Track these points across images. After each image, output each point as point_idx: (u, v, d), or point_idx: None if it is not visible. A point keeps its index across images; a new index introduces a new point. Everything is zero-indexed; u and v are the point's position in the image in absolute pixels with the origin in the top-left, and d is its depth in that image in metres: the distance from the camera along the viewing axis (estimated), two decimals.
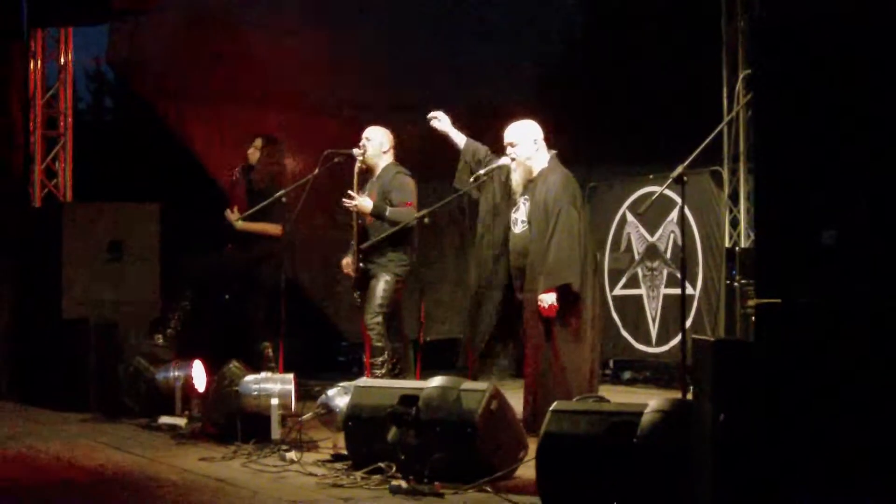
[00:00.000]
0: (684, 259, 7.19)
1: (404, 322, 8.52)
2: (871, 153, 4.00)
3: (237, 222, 9.31)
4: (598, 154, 11.65)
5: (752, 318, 8.67)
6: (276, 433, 6.92)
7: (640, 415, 5.02)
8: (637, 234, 11.00)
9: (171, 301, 9.35)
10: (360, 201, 8.10)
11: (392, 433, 5.95)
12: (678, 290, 9.62)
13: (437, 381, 6.09)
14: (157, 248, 9.72)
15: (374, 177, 8.35)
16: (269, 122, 11.14)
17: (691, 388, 4.97)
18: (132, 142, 15.56)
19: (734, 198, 10.41)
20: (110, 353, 8.79)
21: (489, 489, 5.59)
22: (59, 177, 10.58)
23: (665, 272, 10.70)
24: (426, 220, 8.02)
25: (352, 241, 8.25)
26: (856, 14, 4.12)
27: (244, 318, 9.49)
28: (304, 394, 7.77)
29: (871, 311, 3.97)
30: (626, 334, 11.03)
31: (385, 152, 8.34)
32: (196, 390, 8.02)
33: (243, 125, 11.01)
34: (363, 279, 8.18)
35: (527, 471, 5.75)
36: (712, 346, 4.26)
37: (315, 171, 8.27)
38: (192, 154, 12.02)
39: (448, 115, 7.97)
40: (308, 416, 6.87)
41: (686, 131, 7.75)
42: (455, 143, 7.94)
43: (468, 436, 5.77)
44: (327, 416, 6.74)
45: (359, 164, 8.14)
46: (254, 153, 9.55)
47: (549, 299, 7.26)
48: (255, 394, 7.11)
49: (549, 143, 7.70)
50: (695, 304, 10.26)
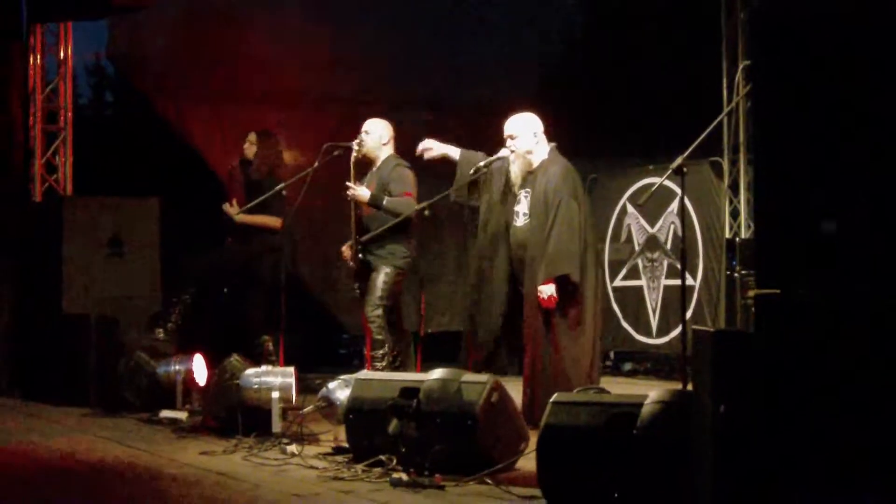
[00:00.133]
0: (684, 250, 7.21)
1: (405, 314, 8.52)
2: (871, 144, 3.99)
3: (236, 216, 9.31)
4: (598, 148, 11.66)
5: (753, 308, 8.67)
6: (276, 426, 6.92)
7: (640, 406, 5.01)
8: (637, 226, 11.00)
9: (172, 295, 9.35)
10: (357, 190, 8.10)
11: (393, 426, 5.95)
12: (678, 281, 9.59)
13: (437, 374, 6.09)
14: (157, 243, 9.71)
15: (373, 169, 8.35)
16: (269, 119, 11.13)
17: (691, 379, 4.97)
18: (132, 136, 15.57)
19: (734, 188, 10.42)
20: (111, 348, 8.78)
21: (490, 481, 5.58)
22: (60, 171, 10.55)
23: (665, 263, 10.71)
24: (426, 213, 8.02)
25: (352, 234, 8.24)
26: (854, 6, 4.11)
27: (244, 312, 9.49)
28: (305, 387, 7.76)
29: (871, 302, 3.97)
30: (626, 325, 11.04)
31: (385, 144, 8.34)
32: (197, 384, 8.03)
33: (243, 121, 10.99)
34: (363, 271, 8.18)
35: (527, 463, 5.76)
36: (712, 336, 4.25)
37: (315, 164, 8.27)
38: (192, 149, 12.04)
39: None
40: (309, 409, 6.87)
41: (686, 122, 7.76)
42: (452, 158, 7.93)
43: (469, 428, 5.77)
44: (328, 408, 6.74)
45: (354, 154, 8.13)
46: (249, 147, 9.54)
47: (548, 290, 7.25)
48: (256, 387, 7.11)
49: (550, 137, 7.69)
50: (695, 294, 10.27)
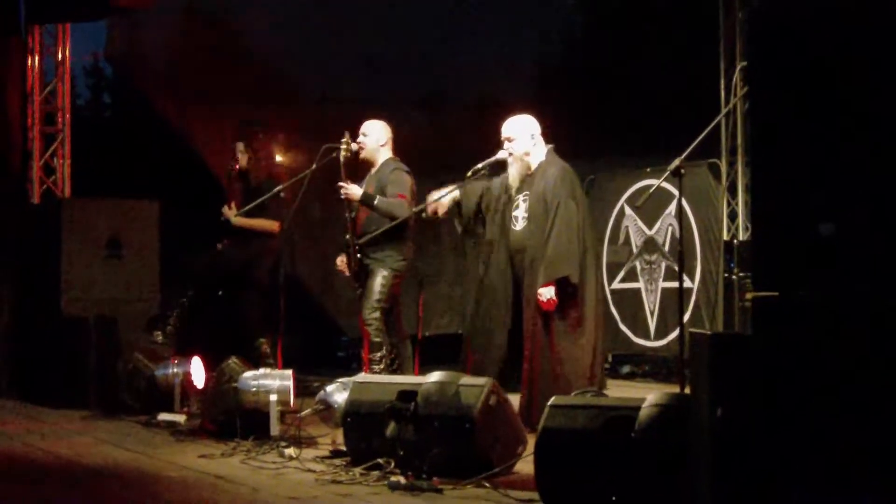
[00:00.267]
0: (682, 252, 7.20)
1: (403, 317, 8.52)
2: (869, 145, 3.99)
3: (234, 218, 9.30)
4: (597, 148, 11.66)
5: (751, 311, 8.67)
6: (274, 429, 6.92)
7: (638, 409, 5.01)
8: (635, 228, 10.99)
9: (171, 297, 9.35)
10: (349, 188, 8.10)
11: (391, 429, 5.95)
12: (676, 284, 9.59)
13: (435, 377, 6.08)
14: (156, 245, 9.71)
15: (372, 171, 8.36)
16: (267, 118, 11.13)
17: (689, 382, 4.97)
18: (131, 138, 15.58)
19: (732, 190, 10.41)
20: (110, 350, 8.79)
21: (487, 484, 5.58)
22: (58, 173, 10.55)
23: (663, 265, 10.70)
24: (424, 215, 8.02)
25: (346, 236, 8.24)
26: (852, 7, 4.11)
27: (241, 314, 9.48)
28: (303, 390, 7.76)
29: (869, 304, 3.97)
30: (624, 328, 11.03)
31: (382, 146, 8.34)
32: (195, 387, 8.03)
33: (245, 118, 10.99)
34: (362, 274, 8.18)
35: (525, 466, 5.75)
36: (710, 339, 4.25)
37: (313, 166, 8.27)
38: (191, 150, 12.04)
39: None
40: (307, 412, 6.87)
41: (684, 124, 7.76)
42: (458, 198, 7.88)
43: (467, 431, 5.77)
44: (326, 411, 6.75)
45: (343, 153, 8.09)
46: (242, 158, 9.50)
47: (547, 293, 7.24)
48: (254, 390, 7.11)
49: (548, 138, 7.69)
50: (693, 297, 10.26)
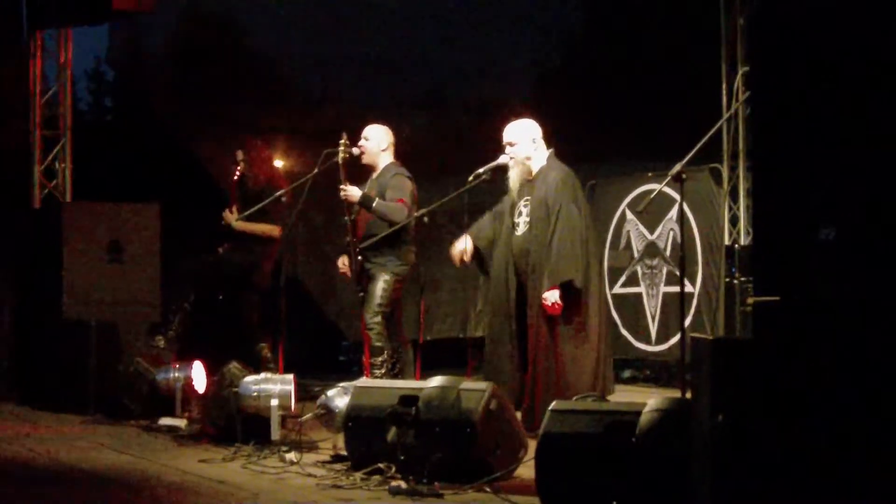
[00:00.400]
0: (683, 257, 7.20)
1: (404, 322, 8.51)
2: (870, 149, 3.99)
3: (235, 222, 9.29)
4: (598, 152, 11.64)
5: (752, 315, 8.67)
6: (275, 434, 6.92)
7: (638, 414, 5.02)
8: (636, 232, 10.99)
9: (172, 302, 9.34)
10: (348, 190, 8.10)
11: (392, 433, 5.95)
12: (677, 288, 9.61)
13: (436, 381, 6.08)
14: (157, 249, 9.70)
15: (374, 175, 8.36)
16: (268, 119, 11.14)
17: (690, 387, 4.96)
18: (132, 142, 15.56)
19: (734, 195, 10.40)
20: (110, 354, 8.78)
21: (488, 489, 5.59)
22: (59, 177, 10.52)
23: (664, 270, 10.69)
24: (425, 219, 8.02)
25: (347, 239, 8.24)
26: (852, 10, 4.11)
27: (241, 319, 9.47)
28: (304, 394, 7.76)
29: (870, 309, 3.96)
30: (625, 333, 11.02)
31: (384, 150, 8.34)
32: (196, 391, 8.03)
33: (243, 123, 11.01)
34: (363, 277, 8.18)
35: (526, 471, 5.75)
36: (711, 344, 4.25)
37: (314, 170, 8.27)
38: (192, 154, 12.04)
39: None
40: (308, 416, 6.87)
41: (685, 129, 7.74)
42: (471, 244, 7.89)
43: (467, 436, 5.77)
44: (327, 416, 6.73)
45: (342, 155, 8.10)
46: (242, 165, 9.47)
47: (552, 297, 7.22)
48: (255, 395, 7.10)
49: (549, 141, 7.69)
50: (694, 302, 10.25)
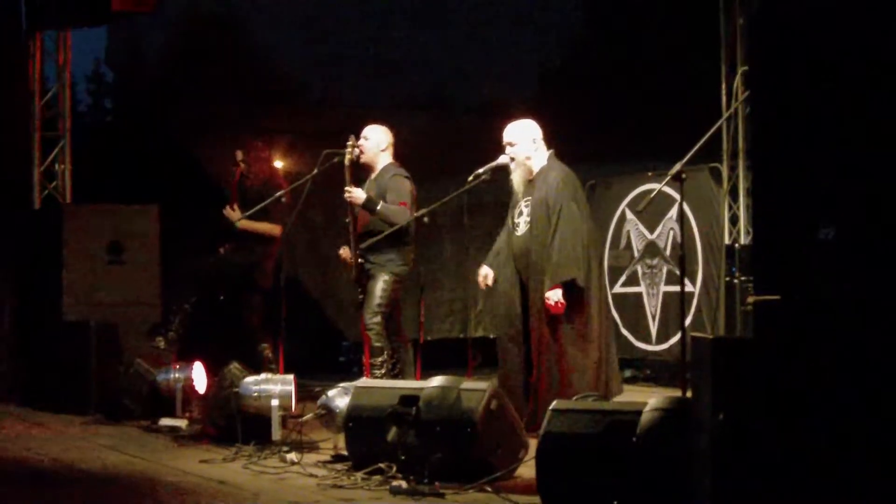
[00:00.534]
0: (683, 256, 7.20)
1: (404, 322, 8.51)
2: (869, 149, 3.99)
3: (238, 221, 9.27)
4: (598, 152, 11.64)
5: (752, 314, 8.66)
6: (276, 434, 6.92)
7: (639, 413, 5.02)
8: (636, 232, 10.99)
9: (172, 303, 9.33)
10: (353, 192, 8.11)
11: (392, 433, 5.95)
12: (678, 288, 9.61)
13: (437, 381, 6.09)
14: (157, 250, 9.70)
15: (372, 175, 8.36)
16: (268, 120, 11.14)
17: (691, 386, 4.97)
18: (132, 143, 15.55)
19: (733, 194, 10.39)
20: (111, 355, 8.79)
21: (489, 489, 5.59)
22: (59, 179, 10.51)
23: (664, 269, 10.69)
24: (425, 219, 8.02)
25: (349, 236, 8.23)
26: (852, 10, 4.11)
27: (242, 319, 9.47)
28: (305, 395, 7.76)
29: (870, 308, 3.97)
30: (625, 332, 11.02)
31: (383, 150, 8.34)
32: (196, 392, 8.03)
33: (243, 124, 11.01)
34: (363, 278, 8.18)
35: (527, 470, 5.75)
36: (711, 343, 4.26)
37: (314, 171, 8.27)
38: (192, 155, 12.03)
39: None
40: (308, 416, 6.87)
41: (685, 128, 7.74)
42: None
43: (468, 435, 5.78)
44: (327, 416, 6.73)
45: (348, 157, 8.12)
46: (242, 165, 9.46)
47: (555, 296, 7.22)
48: (256, 395, 7.10)
49: (549, 141, 7.70)
50: (694, 301, 10.25)
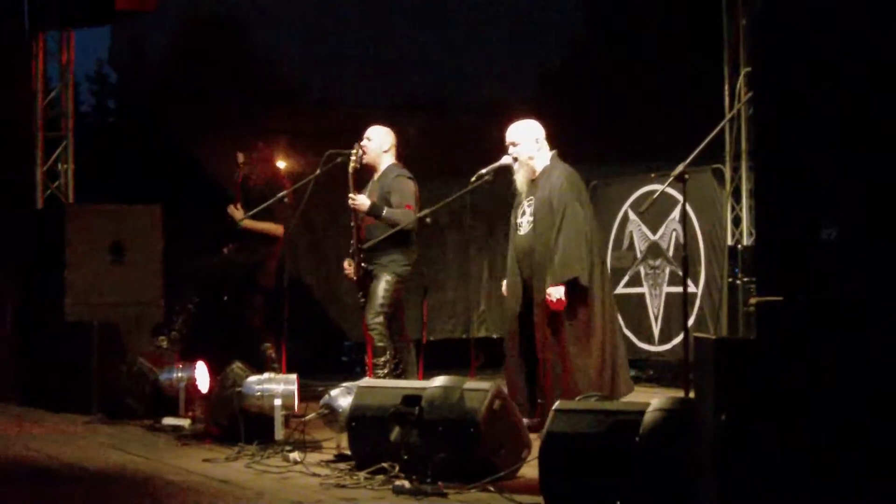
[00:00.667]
0: (686, 257, 7.20)
1: (407, 322, 8.52)
2: (872, 150, 4.00)
3: (241, 221, 9.27)
4: (600, 153, 11.66)
5: (755, 315, 8.66)
6: (279, 434, 6.92)
7: (642, 414, 5.02)
8: (639, 233, 10.99)
9: (175, 303, 9.34)
10: (357, 200, 8.12)
11: (395, 433, 5.95)
12: (680, 289, 9.58)
13: (439, 381, 6.08)
14: (159, 250, 9.71)
15: (375, 176, 8.36)
16: (269, 120, 11.15)
17: (693, 387, 4.97)
18: (134, 144, 15.57)
19: (736, 195, 10.40)
20: (113, 355, 8.79)
21: (492, 489, 5.58)
22: (62, 178, 10.51)
23: (667, 270, 10.69)
24: (428, 220, 8.03)
25: (352, 242, 8.26)
26: (855, 11, 4.11)
27: (245, 319, 9.47)
28: (308, 394, 7.76)
29: (872, 309, 3.97)
30: (628, 333, 11.00)
31: (386, 152, 8.34)
32: (199, 391, 8.03)
33: (247, 123, 11.02)
34: (365, 280, 8.20)
35: (530, 470, 5.75)
36: (714, 344, 4.26)
37: (317, 171, 8.27)
38: (194, 155, 12.05)
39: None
40: (311, 416, 6.87)
41: (688, 129, 7.75)
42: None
43: (471, 435, 5.77)
44: (330, 416, 6.73)
45: (352, 164, 8.14)
46: (244, 167, 9.46)
47: (556, 293, 7.24)
48: (259, 394, 7.10)
49: (551, 142, 7.70)
50: (697, 302, 10.25)
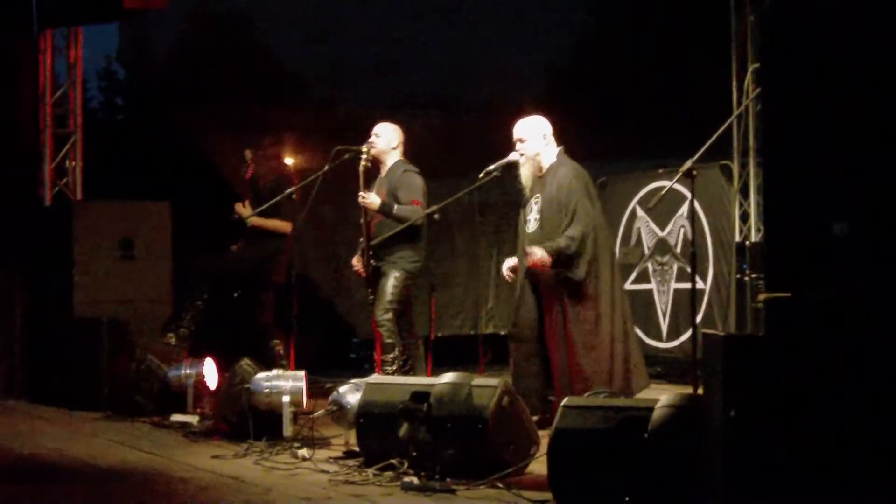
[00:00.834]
0: (694, 254, 7.20)
1: (415, 318, 8.53)
2: (880, 146, 3.99)
3: (249, 218, 9.28)
4: (608, 149, 11.63)
5: (763, 312, 8.66)
6: (287, 430, 6.93)
7: (650, 410, 5.02)
8: (647, 229, 10.98)
9: (184, 299, 9.35)
10: (367, 198, 8.13)
11: (404, 429, 5.96)
12: (688, 285, 9.60)
13: (448, 378, 6.09)
14: (168, 246, 9.72)
15: (382, 173, 8.37)
16: (276, 118, 11.15)
17: (702, 383, 4.97)
18: (143, 140, 15.58)
19: (744, 192, 10.39)
20: (122, 352, 8.80)
21: (501, 485, 5.59)
22: (70, 175, 10.51)
23: (675, 267, 10.69)
24: (436, 216, 8.03)
25: (361, 239, 8.27)
26: (863, 8, 4.11)
27: (251, 316, 9.48)
28: (316, 391, 7.77)
29: (880, 306, 3.97)
30: (636, 329, 11.00)
31: (394, 148, 8.35)
32: (208, 388, 8.04)
33: (254, 121, 11.02)
34: (374, 277, 8.20)
35: (538, 466, 5.76)
36: (722, 340, 4.26)
37: (325, 167, 8.28)
38: (202, 152, 12.05)
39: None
40: (320, 413, 6.88)
41: (695, 126, 7.74)
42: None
43: (479, 432, 5.78)
44: (339, 412, 6.74)
45: (363, 163, 8.15)
46: (252, 166, 9.45)
47: (540, 253, 7.21)
48: (267, 391, 7.12)
49: (558, 138, 7.70)
50: (705, 298, 10.24)
